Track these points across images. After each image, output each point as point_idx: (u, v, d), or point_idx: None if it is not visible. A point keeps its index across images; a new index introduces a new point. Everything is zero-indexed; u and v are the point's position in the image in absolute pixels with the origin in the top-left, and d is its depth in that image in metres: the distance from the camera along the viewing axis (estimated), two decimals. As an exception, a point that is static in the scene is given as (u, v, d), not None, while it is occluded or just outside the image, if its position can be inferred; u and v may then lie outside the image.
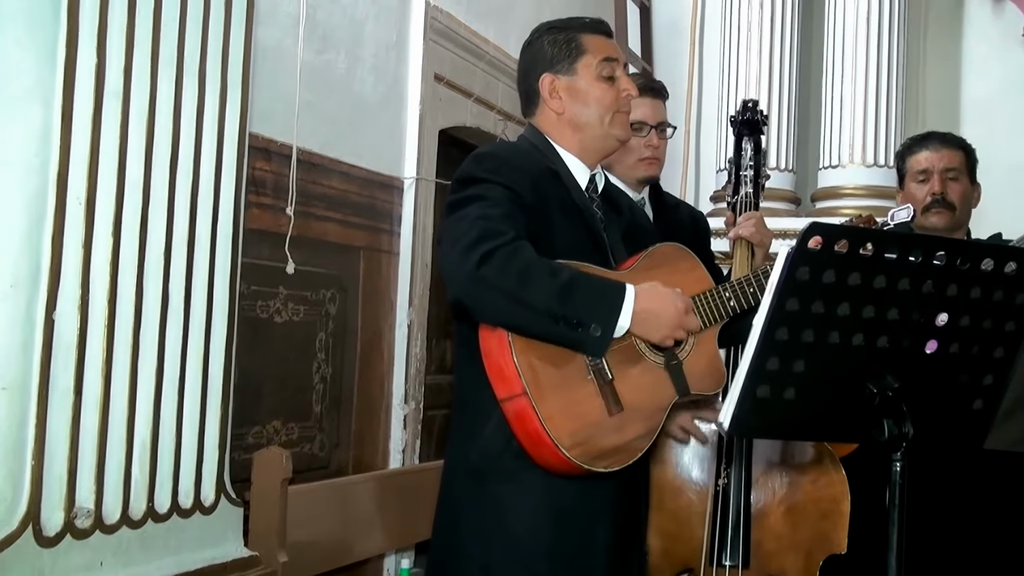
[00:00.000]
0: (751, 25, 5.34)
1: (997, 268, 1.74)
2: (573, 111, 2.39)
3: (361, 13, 3.63)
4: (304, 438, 3.39)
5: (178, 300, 2.45)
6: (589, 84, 2.38)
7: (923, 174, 3.16)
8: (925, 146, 3.21)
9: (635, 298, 2.15)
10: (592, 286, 2.15)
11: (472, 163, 2.32)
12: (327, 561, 3.20)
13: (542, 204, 2.27)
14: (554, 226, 2.29)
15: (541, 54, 2.42)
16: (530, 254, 2.11)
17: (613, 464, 2.16)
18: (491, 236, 2.10)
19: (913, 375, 1.77)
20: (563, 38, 2.41)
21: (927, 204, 3.11)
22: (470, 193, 2.22)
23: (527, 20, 4.82)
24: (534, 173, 2.30)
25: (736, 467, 2.74)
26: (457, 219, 2.18)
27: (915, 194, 3.16)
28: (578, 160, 2.42)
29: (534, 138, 2.43)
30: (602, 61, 2.39)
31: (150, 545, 2.40)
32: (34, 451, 2.12)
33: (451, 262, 2.14)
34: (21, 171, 2.12)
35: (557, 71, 2.39)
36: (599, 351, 2.16)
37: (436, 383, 4.31)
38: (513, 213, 2.18)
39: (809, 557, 2.74)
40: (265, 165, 3.14)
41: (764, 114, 2.88)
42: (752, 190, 2.84)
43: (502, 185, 2.22)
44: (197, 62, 2.48)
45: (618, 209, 2.52)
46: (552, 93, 2.40)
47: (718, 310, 2.34)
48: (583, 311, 2.11)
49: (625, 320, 2.14)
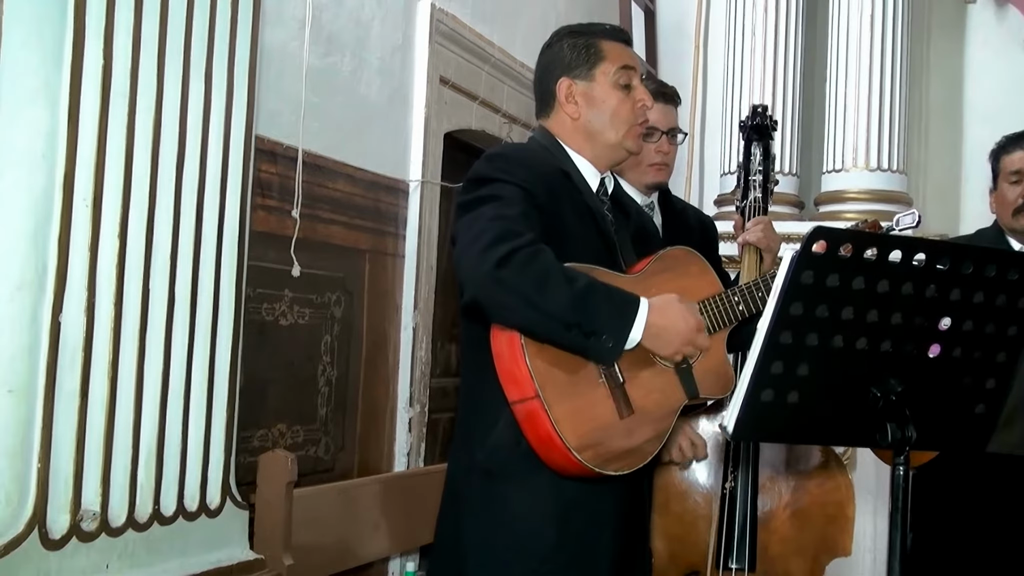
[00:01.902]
0: (755, 29, 5.34)
1: (1000, 273, 1.75)
2: (588, 117, 2.40)
3: (367, 16, 3.63)
4: (309, 441, 3.39)
5: (184, 302, 2.46)
6: (606, 92, 2.38)
7: (1016, 175, 3.07)
8: (1020, 145, 3.12)
9: (648, 312, 2.15)
10: (608, 297, 2.15)
11: (484, 163, 2.32)
12: (332, 564, 3.21)
13: (554, 204, 2.28)
14: (566, 226, 2.29)
15: (560, 57, 2.43)
16: (549, 258, 2.11)
17: (623, 467, 2.17)
18: (509, 237, 2.10)
19: (916, 379, 1.77)
20: (582, 43, 2.41)
21: (1019, 206, 3.04)
22: (484, 193, 2.22)
23: (532, 23, 4.83)
24: (546, 173, 2.31)
25: (743, 471, 2.74)
26: (473, 219, 2.18)
27: (1007, 195, 3.09)
28: (588, 164, 2.42)
29: (544, 139, 2.44)
30: (620, 69, 2.39)
31: (156, 548, 2.40)
32: (40, 453, 2.12)
33: (469, 261, 2.14)
34: (27, 172, 2.12)
35: (575, 76, 2.40)
36: (610, 361, 2.16)
37: (441, 386, 4.31)
38: (528, 213, 2.19)
39: (815, 561, 2.75)
40: (271, 167, 3.14)
41: (773, 119, 2.89)
42: (761, 195, 2.84)
43: (516, 184, 2.22)
44: (203, 64, 2.49)
45: (627, 213, 2.53)
46: (568, 97, 2.40)
47: (727, 314, 2.35)
48: (597, 321, 2.11)
49: (637, 333, 2.15)
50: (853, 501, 2.72)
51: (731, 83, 5.45)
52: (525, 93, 4.72)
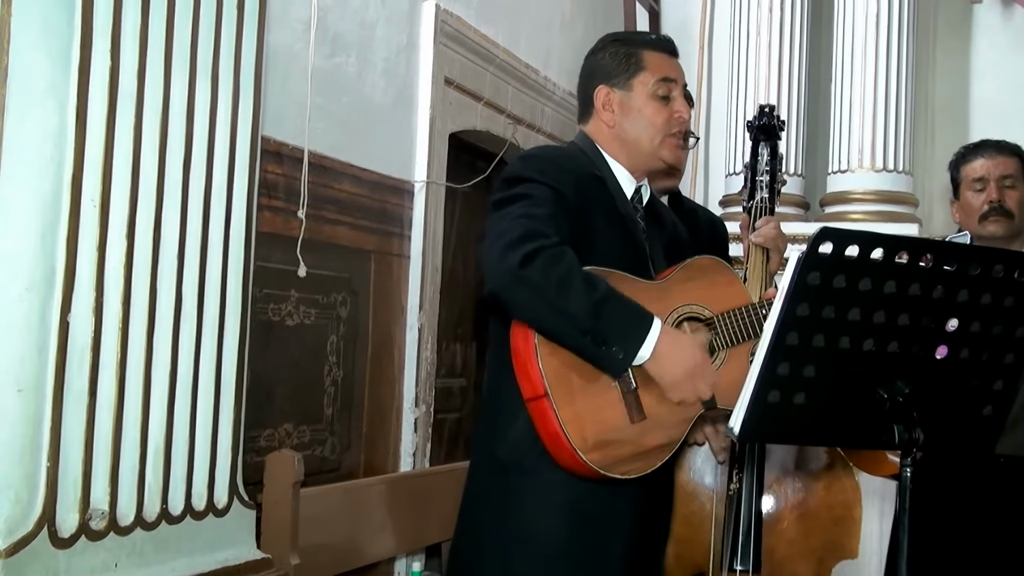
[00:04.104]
0: (760, 29, 5.33)
1: (1008, 274, 1.75)
2: (623, 126, 2.41)
3: (371, 17, 3.64)
4: (315, 441, 3.40)
5: (191, 303, 2.47)
6: (643, 102, 2.39)
7: (979, 182, 3.11)
8: (980, 154, 3.17)
9: (659, 335, 2.15)
10: (625, 309, 2.15)
11: (519, 163, 2.35)
12: (338, 563, 3.21)
13: (585, 207, 2.29)
14: (596, 231, 2.30)
15: (601, 65, 2.44)
16: (572, 261, 2.12)
17: (631, 472, 2.17)
18: (535, 236, 2.12)
19: (923, 380, 1.77)
20: (624, 52, 2.43)
21: (984, 212, 3.08)
22: (515, 192, 2.24)
23: (537, 24, 4.84)
24: (580, 176, 2.32)
25: (748, 472, 2.74)
26: (501, 216, 2.20)
27: (971, 203, 3.12)
28: (625, 171, 2.43)
29: (584, 144, 2.45)
30: (659, 80, 2.40)
31: (164, 547, 2.41)
32: (49, 453, 2.13)
33: (493, 257, 2.15)
34: (36, 174, 2.13)
35: (613, 84, 2.41)
36: (618, 372, 2.17)
37: (446, 386, 4.31)
38: (556, 215, 2.20)
39: (821, 564, 2.74)
40: (277, 168, 3.15)
41: (781, 119, 2.88)
42: (768, 195, 2.84)
43: (547, 185, 2.23)
44: (210, 66, 2.50)
45: (661, 223, 2.53)
46: (605, 106, 2.42)
47: (754, 326, 2.33)
48: (610, 331, 2.12)
49: (646, 351, 2.15)
50: (860, 503, 2.71)
51: (736, 84, 5.44)
52: (530, 93, 4.73)
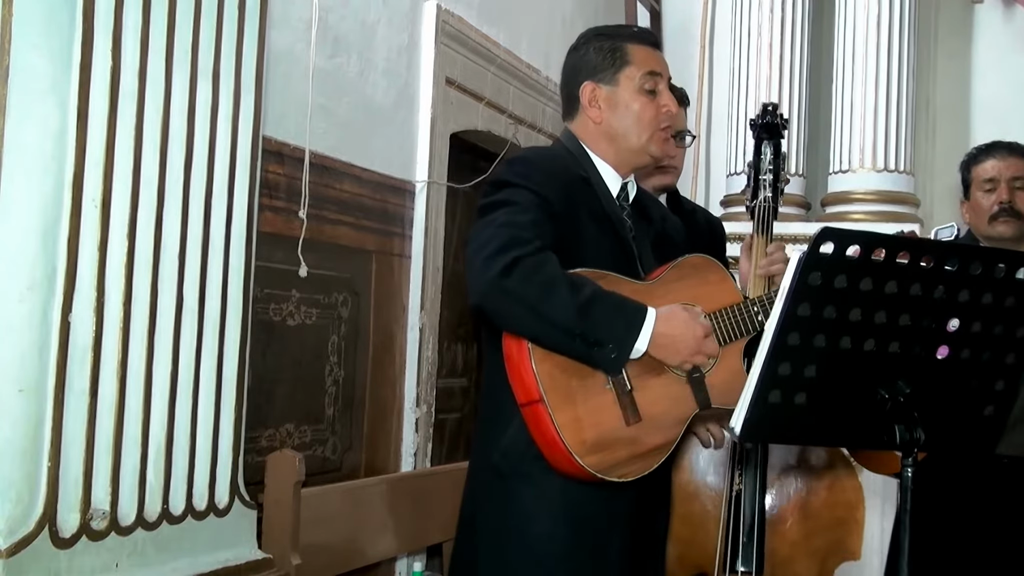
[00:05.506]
0: (761, 29, 5.33)
1: (1009, 274, 1.75)
2: (611, 122, 2.38)
3: (372, 17, 3.64)
4: (316, 441, 3.40)
5: (192, 302, 2.47)
6: (630, 97, 2.37)
7: (990, 183, 3.15)
8: (991, 155, 3.21)
9: (655, 322, 2.14)
10: (612, 305, 2.14)
11: (505, 167, 2.32)
12: (340, 563, 3.21)
13: (572, 211, 2.27)
14: (583, 233, 2.29)
15: (585, 61, 2.41)
16: (553, 267, 2.10)
17: (628, 474, 2.16)
18: (516, 244, 2.10)
19: (924, 380, 1.77)
20: (608, 46, 2.40)
21: (994, 213, 3.12)
22: (500, 197, 2.22)
23: (538, 25, 4.84)
24: (565, 179, 2.30)
25: (751, 473, 2.73)
26: (484, 224, 2.19)
27: (981, 203, 3.16)
28: (611, 168, 2.41)
29: (569, 143, 2.43)
30: (646, 74, 2.37)
31: (165, 547, 2.40)
32: (50, 453, 2.13)
33: (475, 268, 2.13)
34: (37, 173, 2.12)
35: (599, 80, 2.39)
36: (613, 370, 2.16)
37: (448, 387, 4.32)
38: (540, 220, 2.18)
39: (823, 564, 2.74)
40: (278, 168, 3.15)
41: (784, 118, 2.88)
42: (771, 194, 2.83)
43: (531, 191, 2.22)
44: (211, 66, 2.50)
45: (649, 218, 2.51)
46: (592, 102, 2.39)
47: (746, 324, 2.31)
48: (600, 330, 2.10)
49: (642, 343, 2.14)
50: (863, 504, 2.71)
51: (737, 84, 5.44)
52: (531, 94, 4.73)
